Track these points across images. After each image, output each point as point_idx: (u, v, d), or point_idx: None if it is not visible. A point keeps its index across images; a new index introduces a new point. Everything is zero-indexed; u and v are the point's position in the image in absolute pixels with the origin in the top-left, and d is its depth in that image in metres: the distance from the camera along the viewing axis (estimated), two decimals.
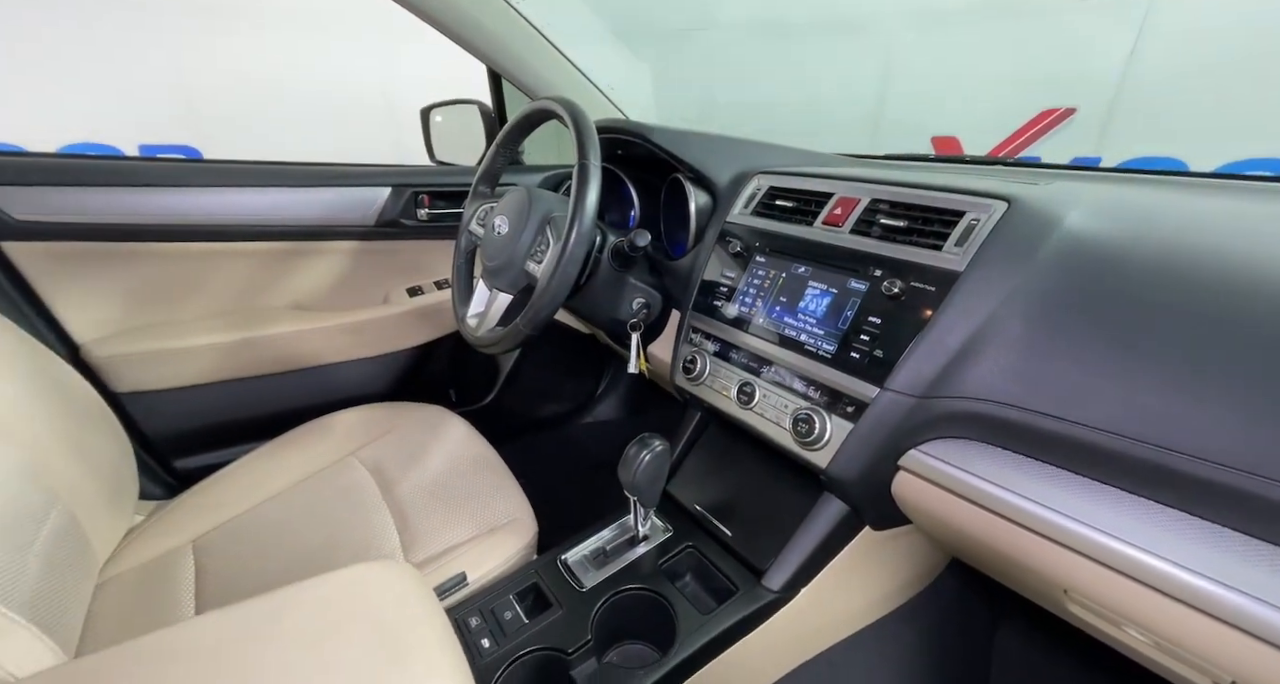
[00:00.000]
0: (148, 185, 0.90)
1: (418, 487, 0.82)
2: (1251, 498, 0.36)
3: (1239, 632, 0.37)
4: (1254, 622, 0.36)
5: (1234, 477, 0.37)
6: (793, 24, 3.09)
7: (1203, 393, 0.39)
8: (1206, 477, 0.38)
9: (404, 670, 0.39)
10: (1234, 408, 0.38)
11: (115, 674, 0.37)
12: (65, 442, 0.68)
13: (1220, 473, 0.37)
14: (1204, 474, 0.38)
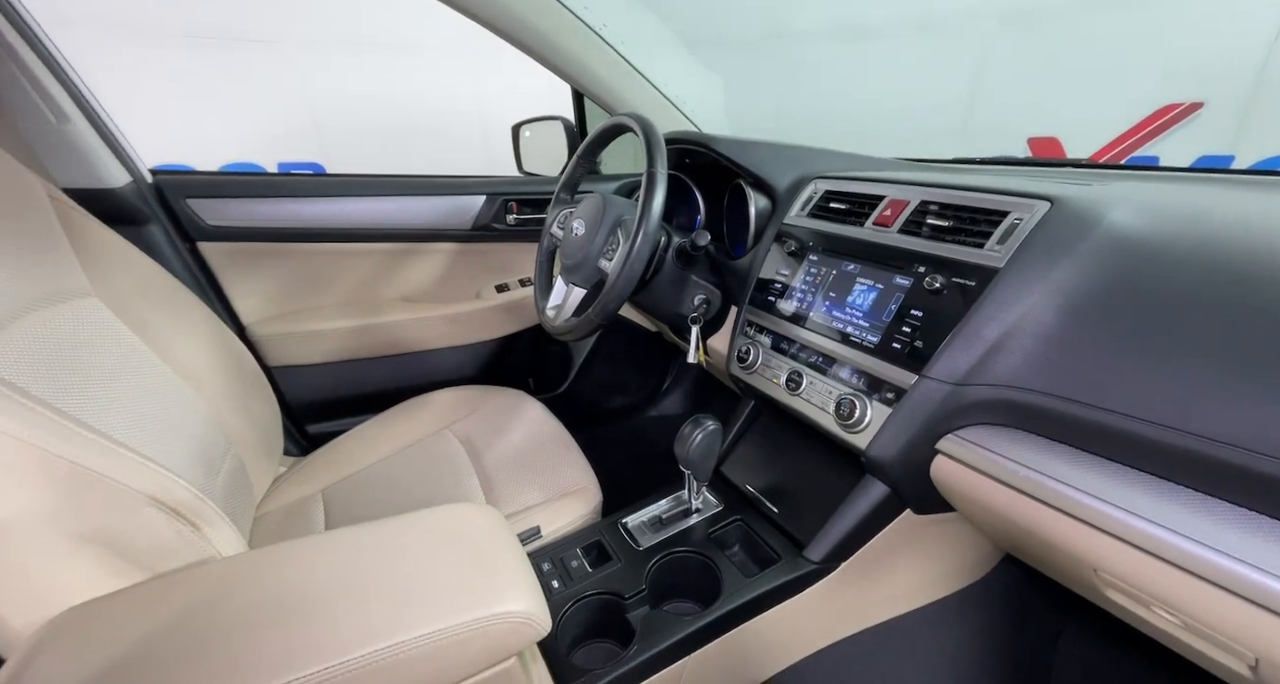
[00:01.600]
0: (295, 196, 1.09)
1: (500, 457, 0.93)
2: (1274, 481, 0.38)
3: (1260, 608, 0.38)
4: (1274, 598, 0.37)
5: (1259, 461, 0.38)
6: (873, 27, 3.02)
7: (1228, 381, 0.41)
8: (1229, 460, 0.40)
9: (492, 579, 0.48)
10: (1257, 394, 0.39)
11: (290, 556, 0.49)
12: (236, 401, 0.85)
13: (1245, 457, 0.39)
14: (1228, 458, 0.40)
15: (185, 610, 0.43)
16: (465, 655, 0.46)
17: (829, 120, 3.18)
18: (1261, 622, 0.39)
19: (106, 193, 0.90)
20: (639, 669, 0.59)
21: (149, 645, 0.41)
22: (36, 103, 0.81)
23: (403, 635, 0.43)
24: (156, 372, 0.73)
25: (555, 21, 1.04)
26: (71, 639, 0.41)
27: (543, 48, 1.06)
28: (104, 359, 0.66)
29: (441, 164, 1.79)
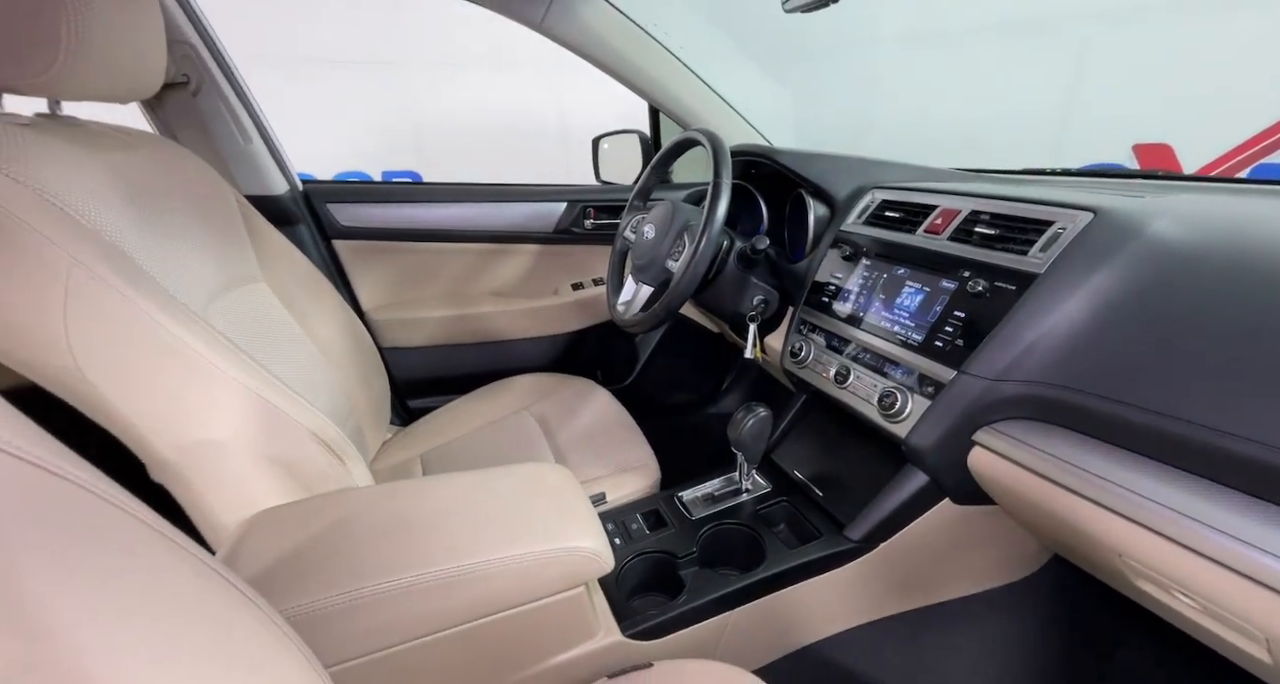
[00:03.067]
0: (407, 202, 1.27)
1: (571, 435, 1.05)
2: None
3: (1265, 589, 0.41)
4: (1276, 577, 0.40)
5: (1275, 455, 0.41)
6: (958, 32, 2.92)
7: (1248, 382, 0.44)
8: (1244, 454, 0.43)
9: (568, 521, 0.59)
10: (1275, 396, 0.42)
11: (413, 489, 0.62)
12: (358, 373, 1.02)
13: (1260, 451, 0.42)
14: (1243, 452, 0.43)
15: (340, 519, 0.57)
16: (544, 577, 0.56)
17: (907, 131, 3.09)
18: (1267, 600, 0.42)
19: (272, 199, 1.11)
20: (686, 616, 0.67)
21: (318, 540, 0.54)
22: (232, 129, 1.03)
23: (499, 553, 0.54)
24: (302, 344, 0.90)
25: (634, 44, 1.16)
26: (265, 532, 0.56)
27: (622, 68, 1.18)
28: (269, 330, 0.83)
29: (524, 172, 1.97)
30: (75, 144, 0.60)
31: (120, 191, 0.62)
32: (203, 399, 0.59)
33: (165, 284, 0.60)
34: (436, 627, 0.53)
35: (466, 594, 0.54)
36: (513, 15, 1.04)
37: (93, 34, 0.56)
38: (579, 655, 0.61)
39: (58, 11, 0.53)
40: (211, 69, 0.99)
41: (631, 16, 1.14)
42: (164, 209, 0.69)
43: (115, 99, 0.66)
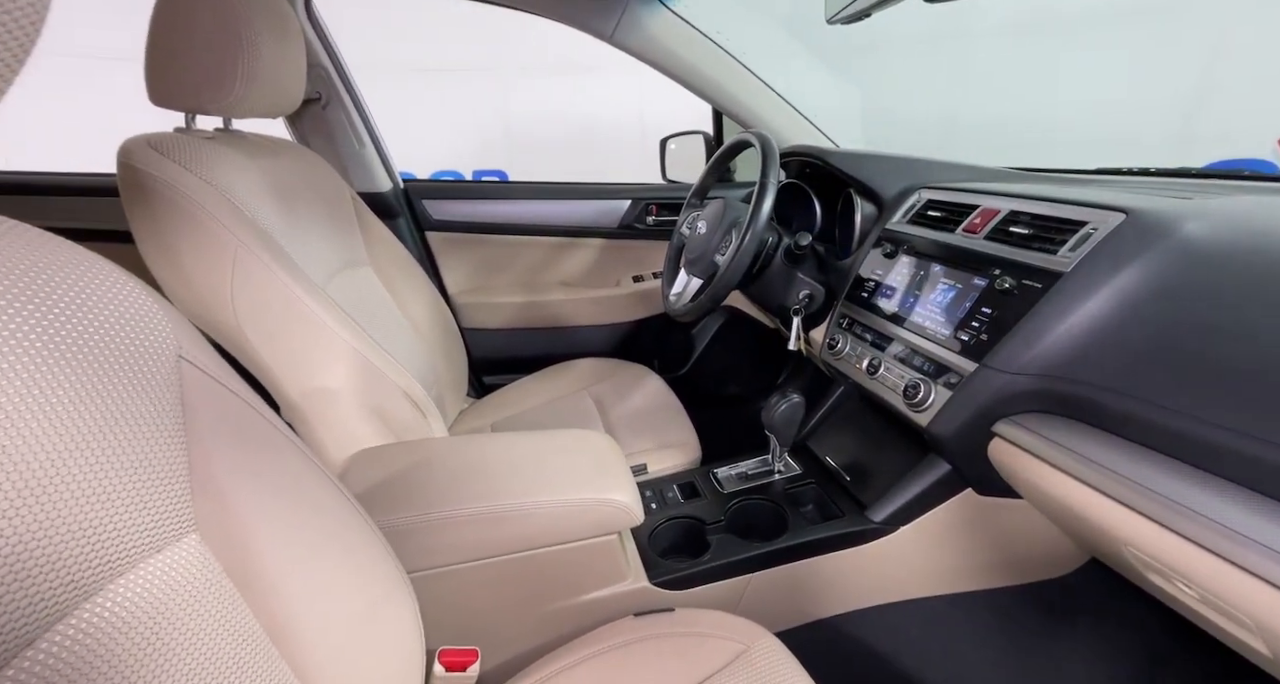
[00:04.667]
0: (488, 199, 1.42)
1: (622, 414, 1.14)
2: None
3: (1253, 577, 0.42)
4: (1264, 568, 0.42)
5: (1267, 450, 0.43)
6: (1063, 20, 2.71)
7: (1264, 383, 0.44)
8: (1254, 452, 0.44)
9: (606, 478, 0.68)
10: None
11: (481, 441, 0.74)
12: (442, 349, 1.17)
13: (1268, 450, 0.43)
14: (1254, 451, 0.44)
15: (420, 460, 0.69)
16: (582, 521, 0.66)
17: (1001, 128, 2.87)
18: (1262, 593, 0.43)
19: (379, 195, 1.29)
20: (708, 573, 0.74)
21: (403, 474, 0.67)
22: (350, 136, 1.21)
23: (544, 497, 0.64)
24: (398, 320, 1.06)
25: (698, 51, 1.23)
26: (363, 466, 0.69)
27: (687, 74, 1.25)
28: (372, 306, 0.99)
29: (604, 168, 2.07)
30: (241, 152, 0.77)
31: (270, 189, 0.78)
32: (322, 355, 0.73)
33: (298, 263, 0.76)
34: (490, 552, 0.65)
35: (515, 528, 0.64)
36: (585, 29, 1.15)
37: (260, 66, 0.72)
38: (610, 595, 0.71)
39: (238, 51, 0.69)
40: (338, 86, 1.17)
41: (697, 25, 1.21)
42: (299, 203, 0.86)
43: (269, 115, 0.83)
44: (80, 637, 0.29)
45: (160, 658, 0.33)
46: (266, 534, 0.41)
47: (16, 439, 0.27)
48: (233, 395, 0.42)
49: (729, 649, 0.60)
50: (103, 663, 0.30)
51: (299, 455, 0.45)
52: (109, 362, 0.33)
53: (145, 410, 0.35)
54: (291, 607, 0.41)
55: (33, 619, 0.27)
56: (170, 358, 0.38)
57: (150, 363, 0.36)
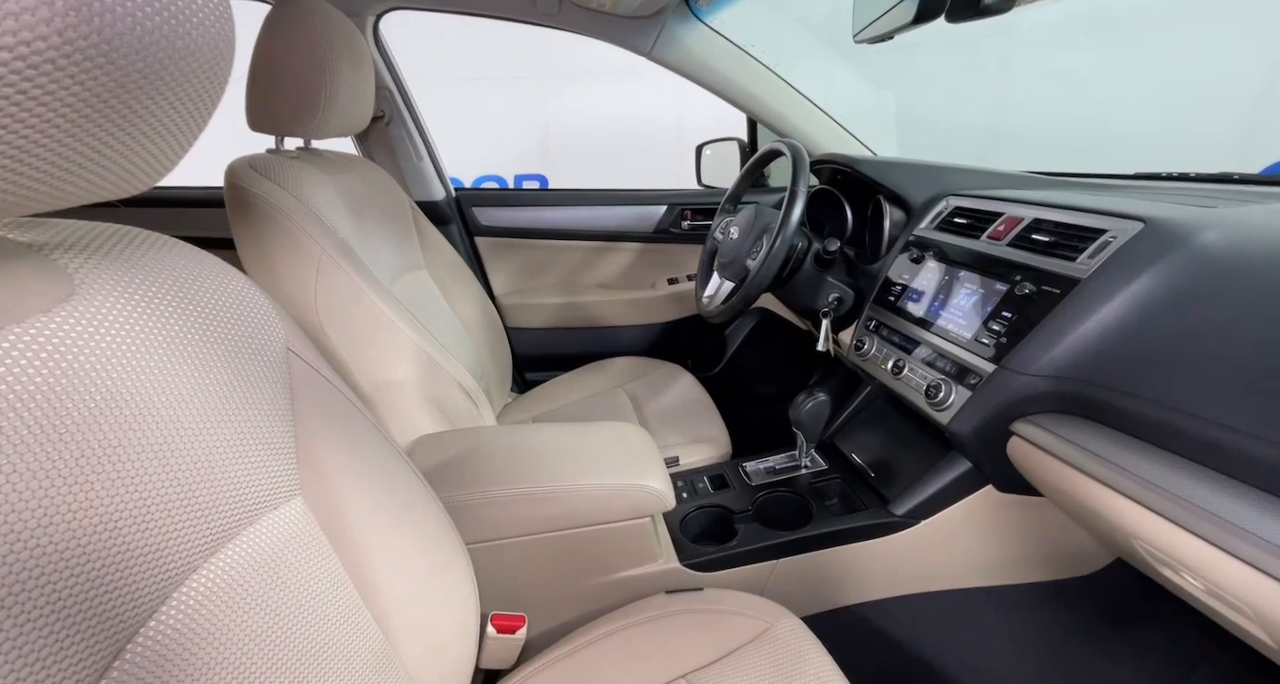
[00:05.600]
0: (532, 205, 1.50)
1: (656, 410, 1.20)
2: None
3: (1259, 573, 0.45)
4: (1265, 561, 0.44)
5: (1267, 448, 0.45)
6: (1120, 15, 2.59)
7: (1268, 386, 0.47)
8: (1252, 451, 0.46)
9: (641, 465, 0.74)
10: None
11: (527, 429, 0.81)
12: (488, 346, 1.26)
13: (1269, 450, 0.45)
14: (1254, 450, 0.46)
15: (474, 445, 0.77)
16: (618, 505, 0.72)
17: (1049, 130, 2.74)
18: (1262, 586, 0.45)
19: (433, 203, 1.39)
20: (736, 557, 0.79)
21: (458, 457, 0.75)
22: (409, 150, 1.32)
23: (588, 480, 0.71)
24: (450, 318, 1.15)
25: (734, 64, 1.28)
26: (424, 449, 0.78)
27: (722, 85, 1.30)
28: (428, 306, 1.08)
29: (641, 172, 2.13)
30: (320, 169, 0.87)
31: (344, 201, 0.88)
32: (390, 351, 0.82)
33: (369, 267, 0.85)
34: (536, 529, 0.72)
35: (559, 508, 0.71)
36: (625, 45, 1.22)
37: (339, 93, 0.82)
38: (643, 574, 0.77)
39: (322, 82, 0.79)
40: (399, 105, 1.28)
41: (732, 38, 1.26)
42: (367, 213, 0.95)
43: (343, 135, 0.92)
44: (228, 569, 0.37)
45: (281, 593, 0.40)
46: (355, 502, 0.48)
47: (181, 413, 0.36)
48: (328, 383, 0.50)
49: (753, 627, 0.65)
50: (245, 592, 0.38)
51: (380, 438, 0.53)
52: (241, 353, 0.42)
53: (266, 393, 0.43)
54: (373, 563, 0.49)
55: (191, 553, 0.35)
56: (281, 350, 0.46)
57: (268, 355, 0.44)
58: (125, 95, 0.24)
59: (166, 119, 0.28)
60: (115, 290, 0.35)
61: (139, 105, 0.26)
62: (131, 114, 0.26)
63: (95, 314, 0.33)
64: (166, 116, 0.28)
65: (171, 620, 0.34)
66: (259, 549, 0.40)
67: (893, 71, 2.19)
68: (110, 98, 0.24)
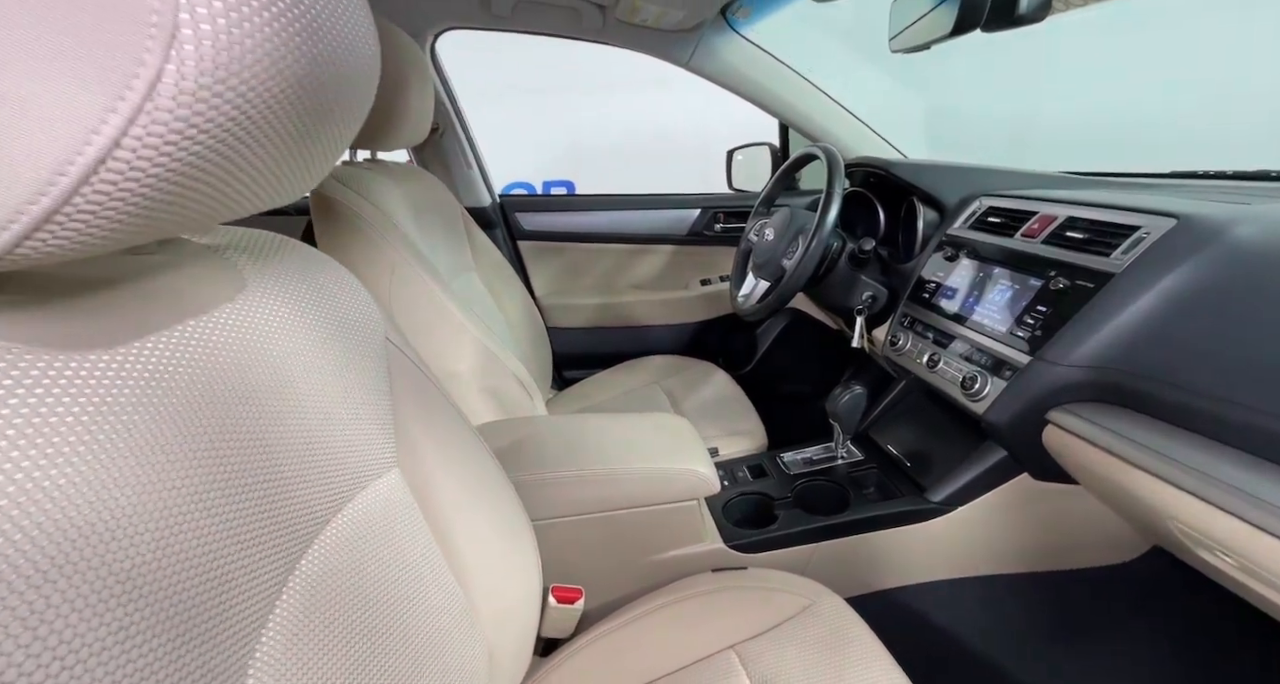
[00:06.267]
0: (570, 210, 1.57)
1: (692, 405, 1.25)
2: None
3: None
4: None
5: None
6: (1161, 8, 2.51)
7: None
8: None
9: (688, 451, 0.79)
10: None
11: (580, 418, 0.87)
12: (531, 344, 1.32)
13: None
14: None
15: (531, 432, 0.83)
16: (667, 487, 0.77)
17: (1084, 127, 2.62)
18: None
19: (481, 209, 1.47)
20: (777, 540, 0.84)
21: (517, 442, 0.80)
22: (460, 159, 1.40)
23: (634, 465, 0.76)
24: (498, 317, 1.22)
25: (768, 72, 1.33)
26: (490, 435, 0.84)
27: (757, 93, 1.35)
28: (480, 307, 1.15)
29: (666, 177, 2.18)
30: (389, 178, 0.94)
31: (410, 207, 0.95)
32: (454, 344, 0.89)
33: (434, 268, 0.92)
34: (589, 509, 0.77)
35: (612, 490, 0.76)
36: (664, 57, 1.28)
37: (406, 109, 0.89)
38: (690, 553, 0.81)
39: (393, 97, 0.86)
40: (452, 117, 1.36)
41: (766, 48, 1.31)
42: (427, 219, 1.02)
43: (405, 147, 1.00)
44: (347, 529, 0.43)
45: (385, 551, 0.46)
46: (441, 475, 0.54)
47: (314, 388, 0.42)
48: (418, 370, 0.56)
49: (796, 603, 0.69)
50: (361, 549, 0.44)
51: (461, 420, 0.59)
52: (354, 341, 0.48)
53: (371, 376, 0.49)
54: (454, 531, 0.55)
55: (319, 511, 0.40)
56: (382, 340, 0.53)
57: (373, 343, 0.51)
58: (317, 122, 0.31)
59: (333, 140, 0.34)
60: (272, 285, 0.42)
61: (323, 130, 0.32)
62: (317, 137, 0.32)
63: (261, 304, 0.40)
64: (334, 137, 0.34)
65: (315, 564, 0.40)
66: (368, 512, 0.46)
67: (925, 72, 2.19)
68: (308, 125, 0.30)
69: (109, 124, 0.21)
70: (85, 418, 0.27)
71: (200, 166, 0.25)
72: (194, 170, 0.25)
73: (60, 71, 0.21)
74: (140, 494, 0.27)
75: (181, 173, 0.24)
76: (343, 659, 0.39)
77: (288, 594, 0.36)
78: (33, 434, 0.24)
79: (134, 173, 0.23)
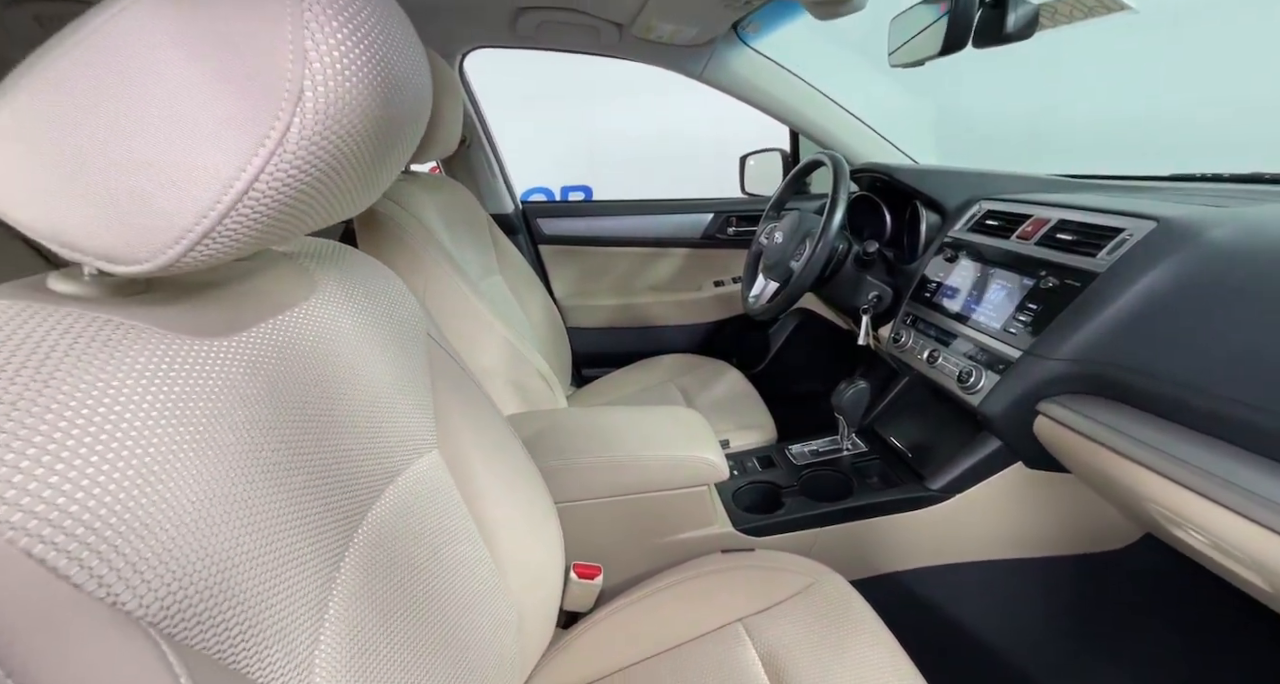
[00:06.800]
0: (589, 215, 1.64)
1: (705, 400, 1.31)
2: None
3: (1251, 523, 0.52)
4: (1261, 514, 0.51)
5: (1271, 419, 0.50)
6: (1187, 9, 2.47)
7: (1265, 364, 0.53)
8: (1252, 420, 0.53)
9: (699, 440, 0.85)
10: None
11: (599, 410, 0.93)
12: (551, 344, 1.39)
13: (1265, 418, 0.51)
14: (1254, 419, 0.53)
15: (553, 422, 0.90)
16: (680, 473, 0.83)
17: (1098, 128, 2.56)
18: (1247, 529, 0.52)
19: (504, 216, 1.55)
20: (783, 524, 0.89)
21: (541, 431, 0.87)
22: (484, 168, 1.48)
23: (649, 452, 0.82)
24: (521, 318, 1.29)
25: (779, 82, 1.38)
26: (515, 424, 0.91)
27: (768, 103, 1.41)
28: (505, 306, 1.23)
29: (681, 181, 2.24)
30: (422, 189, 1.02)
31: (442, 216, 1.03)
32: (483, 342, 0.96)
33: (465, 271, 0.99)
34: (608, 493, 0.83)
35: (627, 475, 0.83)
36: (678, 70, 1.34)
37: (439, 125, 0.97)
38: (701, 536, 0.87)
39: (436, 117, 0.94)
40: (478, 131, 1.44)
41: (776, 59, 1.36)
42: (458, 226, 1.10)
43: (437, 160, 1.08)
44: (396, 501, 0.50)
45: (428, 521, 0.53)
46: (475, 459, 0.61)
47: (370, 376, 0.49)
48: (454, 363, 0.63)
49: (800, 581, 0.75)
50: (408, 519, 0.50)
51: (493, 410, 0.66)
52: (402, 336, 0.55)
53: (415, 368, 0.56)
54: (486, 508, 0.61)
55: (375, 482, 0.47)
56: (424, 336, 0.60)
57: (417, 339, 0.58)
58: (386, 149, 0.38)
59: (396, 163, 0.42)
60: (336, 289, 0.49)
61: (389, 155, 0.39)
62: (384, 162, 0.39)
63: (329, 303, 0.47)
64: (397, 161, 0.41)
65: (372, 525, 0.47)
66: (414, 487, 0.53)
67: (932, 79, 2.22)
68: (380, 153, 0.37)
69: (251, 165, 0.28)
70: (209, 390, 0.34)
71: (304, 192, 0.32)
72: (300, 195, 0.32)
73: (217, 126, 0.28)
74: (244, 451, 0.35)
75: (291, 198, 0.32)
76: (400, 594, 0.46)
77: (353, 547, 0.43)
78: (178, 395, 0.32)
79: (265, 200, 0.30)
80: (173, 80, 0.27)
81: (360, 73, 0.30)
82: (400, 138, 0.38)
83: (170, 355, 0.33)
